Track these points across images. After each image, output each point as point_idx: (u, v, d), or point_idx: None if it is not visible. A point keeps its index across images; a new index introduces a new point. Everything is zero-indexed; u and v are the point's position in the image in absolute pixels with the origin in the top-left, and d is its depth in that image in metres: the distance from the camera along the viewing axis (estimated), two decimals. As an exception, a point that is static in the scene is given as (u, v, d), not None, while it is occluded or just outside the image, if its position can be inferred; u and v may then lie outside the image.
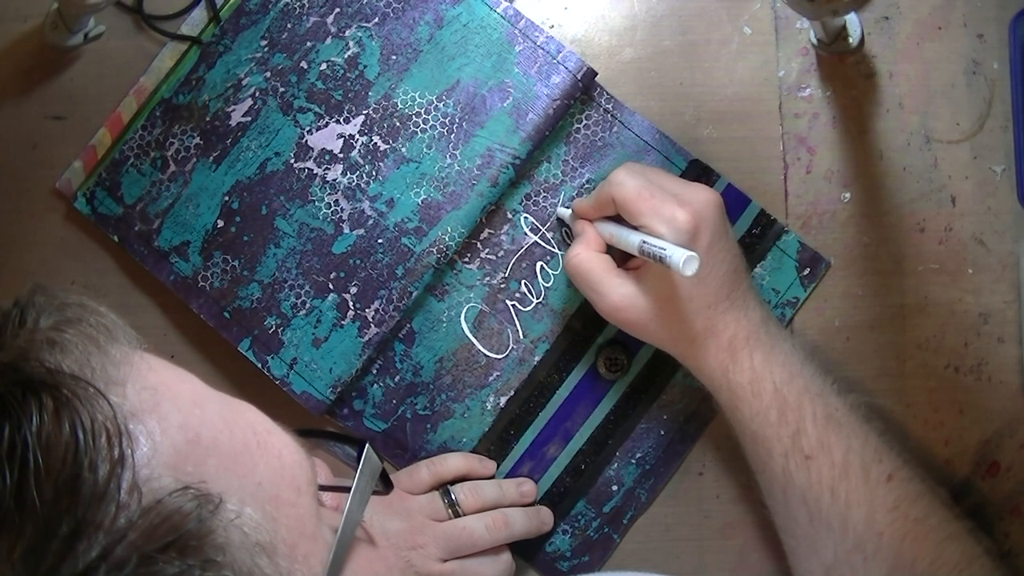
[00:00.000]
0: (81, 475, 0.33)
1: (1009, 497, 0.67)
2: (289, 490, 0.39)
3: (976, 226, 0.68)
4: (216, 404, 0.40)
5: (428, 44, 0.67)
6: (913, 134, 0.68)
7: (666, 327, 0.60)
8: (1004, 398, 0.67)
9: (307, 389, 0.65)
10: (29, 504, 0.32)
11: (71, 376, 0.35)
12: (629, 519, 0.67)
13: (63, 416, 0.33)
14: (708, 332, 0.60)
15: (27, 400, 0.33)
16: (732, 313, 0.60)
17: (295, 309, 0.66)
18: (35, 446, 0.33)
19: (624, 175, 0.60)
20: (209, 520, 0.35)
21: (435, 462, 0.66)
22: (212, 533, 0.35)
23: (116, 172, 0.67)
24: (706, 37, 0.69)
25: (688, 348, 0.61)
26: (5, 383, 0.34)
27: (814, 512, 0.58)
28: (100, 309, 0.40)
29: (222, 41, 0.68)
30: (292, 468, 0.40)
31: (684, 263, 0.54)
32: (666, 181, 0.61)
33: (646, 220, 0.58)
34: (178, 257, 0.67)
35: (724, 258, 0.60)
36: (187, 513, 0.34)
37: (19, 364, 0.35)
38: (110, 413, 0.34)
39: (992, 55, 0.68)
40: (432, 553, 0.62)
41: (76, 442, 0.33)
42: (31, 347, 0.36)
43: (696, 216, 0.58)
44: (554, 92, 0.66)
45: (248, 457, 0.39)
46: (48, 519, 0.32)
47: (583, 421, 0.67)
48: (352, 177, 0.67)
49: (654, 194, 0.59)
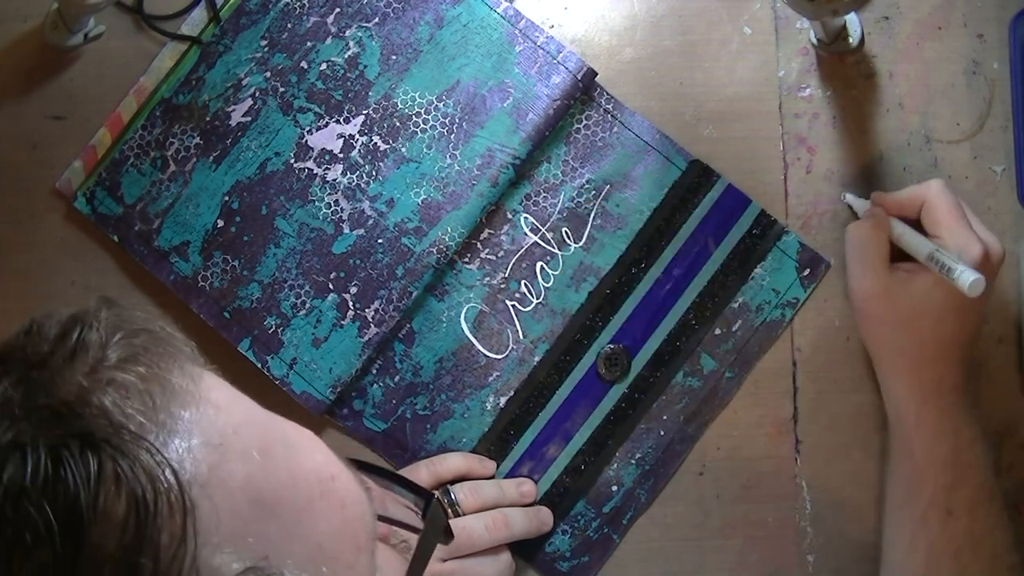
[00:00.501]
0: (139, 563, 0.30)
1: (1009, 497, 0.66)
2: (350, 549, 0.37)
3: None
4: (280, 448, 0.36)
5: (428, 44, 0.67)
6: (913, 134, 0.68)
7: (902, 336, 0.62)
8: (1004, 398, 0.67)
9: (307, 389, 0.65)
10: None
11: (134, 434, 0.32)
12: (629, 519, 0.67)
13: (122, 487, 0.30)
14: (930, 363, 0.61)
15: (86, 459, 0.30)
16: (959, 368, 0.62)
17: (295, 309, 0.66)
18: (90, 519, 0.30)
19: (943, 187, 0.62)
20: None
21: (435, 462, 0.66)
22: None
23: (116, 172, 0.67)
24: (706, 37, 0.69)
25: (903, 363, 0.62)
26: (63, 433, 0.31)
27: (932, 568, 0.59)
28: (169, 332, 0.36)
29: (222, 41, 0.68)
30: (354, 522, 0.37)
31: (971, 284, 0.56)
32: (973, 216, 0.63)
33: (945, 235, 0.60)
34: (178, 257, 0.67)
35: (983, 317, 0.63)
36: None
37: (80, 409, 0.32)
38: (174, 484, 0.31)
39: (992, 55, 0.68)
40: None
41: (137, 520, 0.30)
42: (94, 387, 0.32)
43: (987, 260, 0.59)
44: (554, 92, 0.66)
45: (310, 515, 0.35)
46: None
47: (583, 421, 0.67)
48: (352, 177, 0.67)
49: (964, 218, 0.61)
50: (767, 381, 0.68)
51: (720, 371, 0.67)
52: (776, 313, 0.67)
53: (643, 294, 0.67)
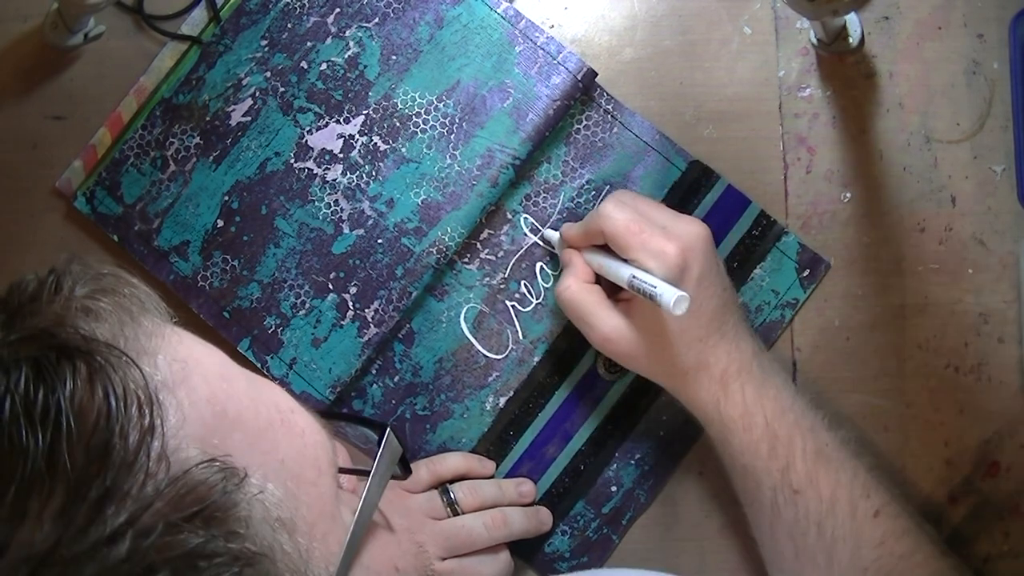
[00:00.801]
0: (112, 441, 0.34)
1: (1009, 497, 0.66)
2: (311, 469, 0.40)
3: (976, 226, 0.68)
4: (243, 380, 0.40)
5: (428, 44, 0.67)
6: (913, 134, 0.68)
7: (657, 361, 0.60)
8: (1004, 398, 0.67)
9: (306, 389, 0.65)
10: (61, 467, 0.33)
11: (105, 344, 0.36)
12: (628, 520, 0.67)
13: (96, 382, 0.34)
14: (700, 366, 0.59)
15: (61, 365, 0.34)
16: (723, 346, 0.59)
17: (295, 309, 0.66)
18: (68, 410, 0.33)
19: (613, 207, 0.59)
20: (233, 493, 0.36)
21: (434, 461, 0.66)
22: (236, 506, 0.36)
23: (116, 172, 0.67)
24: (706, 37, 0.69)
25: (680, 382, 0.61)
26: (41, 348, 0.35)
27: (800, 547, 0.58)
28: (133, 280, 0.40)
29: (222, 41, 0.68)
30: (314, 448, 0.41)
31: (675, 303, 0.53)
32: (656, 212, 0.60)
33: (635, 254, 0.58)
34: (178, 257, 0.67)
35: (714, 292, 0.59)
36: (213, 485, 0.35)
37: (54, 330, 0.36)
38: (142, 382, 0.35)
39: (992, 55, 0.68)
40: (430, 552, 0.62)
41: (108, 409, 0.34)
42: (67, 314, 0.37)
43: (685, 250, 0.58)
44: (554, 93, 0.66)
45: (272, 434, 0.39)
46: (78, 482, 0.33)
47: (582, 422, 0.67)
48: (352, 177, 0.67)
49: (643, 228, 0.58)
50: (767, 381, 0.68)
51: (720, 371, 0.67)
52: (776, 314, 0.67)
53: (643, 294, 0.67)
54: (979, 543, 0.66)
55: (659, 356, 0.60)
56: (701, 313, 0.59)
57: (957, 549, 0.65)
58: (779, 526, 0.59)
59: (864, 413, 0.67)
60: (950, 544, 0.63)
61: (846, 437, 0.60)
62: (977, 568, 0.66)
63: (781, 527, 0.59)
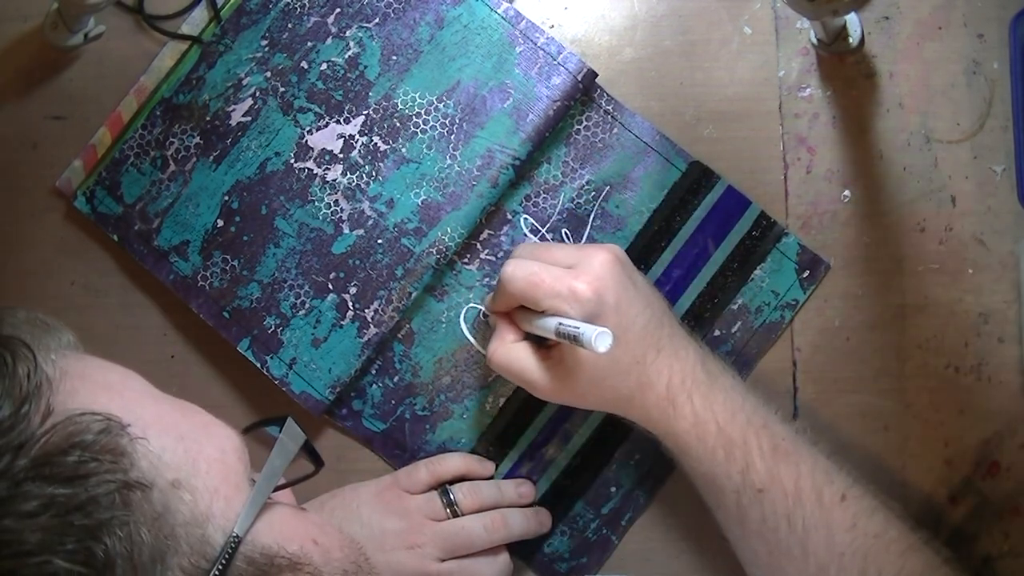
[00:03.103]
0: None
1: (1009, 497, 0.66)
2: (214, 449, 0.42)
3: (976, 226, 0.68)
4: (148, 386, 0.44)
5: (429, 45, 0.67)
6: (913, 134, 0.68)
7: (600, 395, 0.60)
8: (1004, 398, 0.67)
9: (306, 389, 0.65)
10: None
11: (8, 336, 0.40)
12: (627, 520, 0.67)
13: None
14: (643, 387, 0.59)
15: None
16: (663, 360, 0.59)
17: (294, 309, 0.66)
18: None
19: (512, 268, 0.59)
20: (114, 436, 0.38)
21: (434, 462, 0.66)
22: (118, 446, 0.38)
23: (116, 171, 0.67)
24: (706, 37, 0.69)
25: (627, 406, 0.60)
26: None
27: (772, 544, 0.58)
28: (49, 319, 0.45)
29: (223, 41, 0.68)
30: (218, 436, 0.43)
31: (596, 340, 0.53)
32: (558, 254, 0.60)
33: (548, 304, 0.57)
34: (178, 257, 0.67)
35: (638, 311, 0.58)
36: (92, 427, 0.38)
37: None
38: (32, 360, 0.39)
39: (992, 55, 0.68)
40: (430, 553, 0.62)
41: None
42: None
43: (595, 280, 0.57)
44: (554, 93, 0.66)
45: (171, 419, 0.42)
46: None
47: (582, 422, 0.67)
48: (352, 177, 0.67)
49: (544, 278, 0.58)
50: (767, 381, 0.68)
51: (719, 371, 0.67)
52: (775, 315, 0.67)
53: (642, 294, 0.67)
54: (979, 543, 0.66)
55: (600, 390, 0.60)
56: (628, 338, 0.58)
57: (957, 549, 0.66)
58: (748, 526, 0.58)
59: (864, 413, 0.67)
60: (950, 544, 0.63)
61: (801, 427, 0.60)
62: (977, 568, 0.66)
63: (750, 527, 0.58)
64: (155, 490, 0.39)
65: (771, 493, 0.57)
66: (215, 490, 0.41)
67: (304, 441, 0.48)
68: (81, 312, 0.68)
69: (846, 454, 0.67)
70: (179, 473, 0.40)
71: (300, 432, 0.47)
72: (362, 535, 0.63)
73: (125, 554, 0.37)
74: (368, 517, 0.64)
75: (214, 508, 0.41)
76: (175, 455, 0.40)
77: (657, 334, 0.59)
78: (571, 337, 0.55)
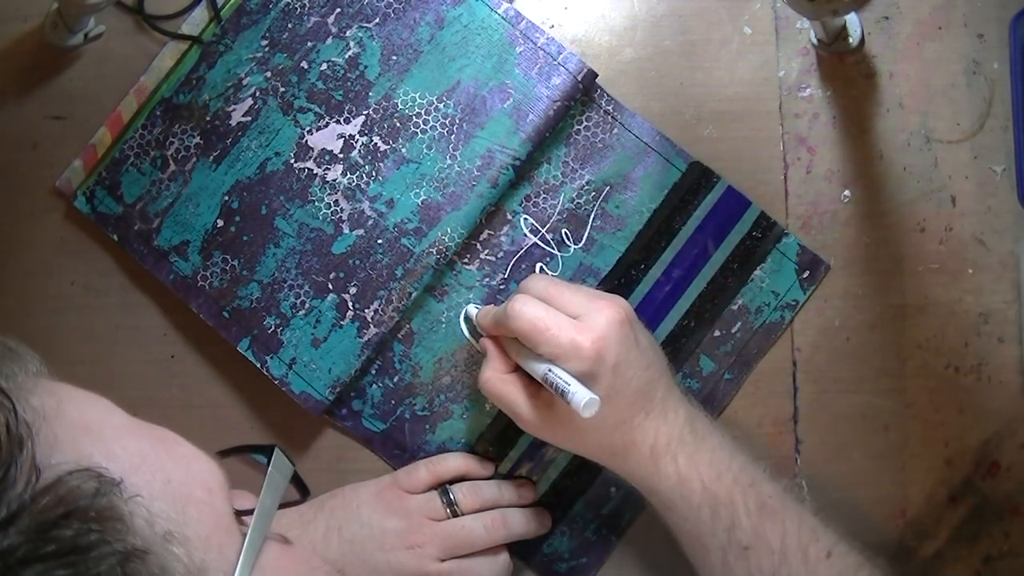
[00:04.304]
0: None
1: (1009, 497, 0.66)
2: (200, 490, 0.40)
3: (976, 226, 0.68)
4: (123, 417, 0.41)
5: (429, 45, 0.67)
6: (913, 134, 0.68)
7: (583, 444, 0.60)
8: (1004, 398, 0.67)
9: (306, 389, 0.65)
10: None
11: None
12: (627, 521, 0.67)
13: None
14: (626, 445, 0.59)
15: None
16: (650, 423, 0.59)
17: (294, 309, 0.66)
18: None
19: (521, 305, 0.58)
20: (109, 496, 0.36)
21: (434, 462, 0.66)
22: (113, 507, 0.36)
23: (116, 171, 0.67)
24: (706, 37, 0.69)
25: (609, 460, 0.60)
26: None
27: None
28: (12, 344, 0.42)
29: (223, 41, 0.68)
30: (202, 473, 0.41)
31: (584, 406, 0.53)
32: (570, 297, 0.59)
33: (546, 351, 0.56)
34: (178, 256, 0.67)
35: (634, 374, 0.58)
36: (86, 489, 0.35)
37: None
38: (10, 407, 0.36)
39: (992, 55, 0.68)
40: (430, 552, 0.62)
41: None
42: None
43: (598, 340, 0.56)
44: (554, 93, 0.66)
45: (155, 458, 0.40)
46: None
47: (582, 421, 0.67)
48: (352, 177, 0.67)
49: (549, 325, 0.56)
50: (767, 381, 0.68)
51: (719, 373, 0.67)
52: (775, 315, 0.67)
53: (642, 296, 0.67)
54: (979, 543, 0.66)
55: (585, 443, 0.60)
56: (619, 400, 0.57)
57: (957, 549, 0.66)
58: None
59: (864, 413, 0.67)
60: (950, 545, 0.63)
61: (788, 485, 0.60)
62: (977, 568, 0.66)
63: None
64: (152, 555, 0.37)
65: (757, 551, 0.57)
66: (207, 539, 0.39)
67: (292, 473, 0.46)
68: (81, 312, 0.69)
69: (846, 454, 0.67)
70: (169, 524, 0.38)
71: (288, 463, 0.46)
72: (362, 535, 0.63)
73: None
74: (368, 517, 0.64)
75: (208, 560, 0.39)
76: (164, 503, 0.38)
77: (649, 396, 0.59)
78: (558, 389, 0.55)
